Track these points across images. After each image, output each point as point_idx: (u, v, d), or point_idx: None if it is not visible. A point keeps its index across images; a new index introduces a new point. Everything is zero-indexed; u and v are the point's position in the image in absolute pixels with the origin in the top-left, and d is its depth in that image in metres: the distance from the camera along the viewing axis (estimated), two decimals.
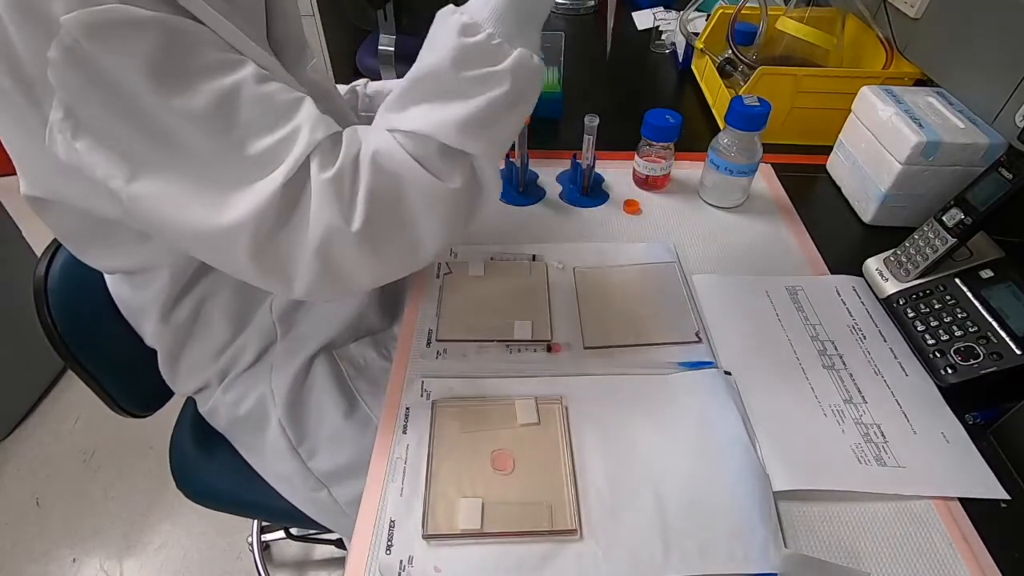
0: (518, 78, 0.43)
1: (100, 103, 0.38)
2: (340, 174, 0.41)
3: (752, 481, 0.46)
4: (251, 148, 0.39)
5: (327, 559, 1.19)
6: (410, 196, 0.43)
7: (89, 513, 1.24)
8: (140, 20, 0.36)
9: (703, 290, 0.62)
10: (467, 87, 0.42)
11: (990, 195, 0.55)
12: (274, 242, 0.41)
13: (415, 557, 0.42)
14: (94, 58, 0.36)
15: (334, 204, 0.40)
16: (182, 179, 0.39)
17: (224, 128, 0.39)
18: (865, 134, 0.71)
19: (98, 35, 0.35)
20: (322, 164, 0.41)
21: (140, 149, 0.39)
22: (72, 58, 0.36)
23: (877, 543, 0.43)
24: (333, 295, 0.51)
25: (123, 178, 0.39)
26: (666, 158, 0.72)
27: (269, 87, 0.41)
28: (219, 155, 0.39)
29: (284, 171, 0.39)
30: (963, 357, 0.52)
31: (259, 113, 0.40)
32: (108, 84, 0.37)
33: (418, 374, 0.54)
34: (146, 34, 0.36)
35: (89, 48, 0.35)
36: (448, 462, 0.47)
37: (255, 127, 0.40)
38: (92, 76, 0.36)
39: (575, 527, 0.43)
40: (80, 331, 0.67)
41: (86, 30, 0.35)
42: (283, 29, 0.53)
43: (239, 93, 0.39)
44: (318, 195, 0.40)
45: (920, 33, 0.78)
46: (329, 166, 0.41)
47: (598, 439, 0.49)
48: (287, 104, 0.41)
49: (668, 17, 1.19)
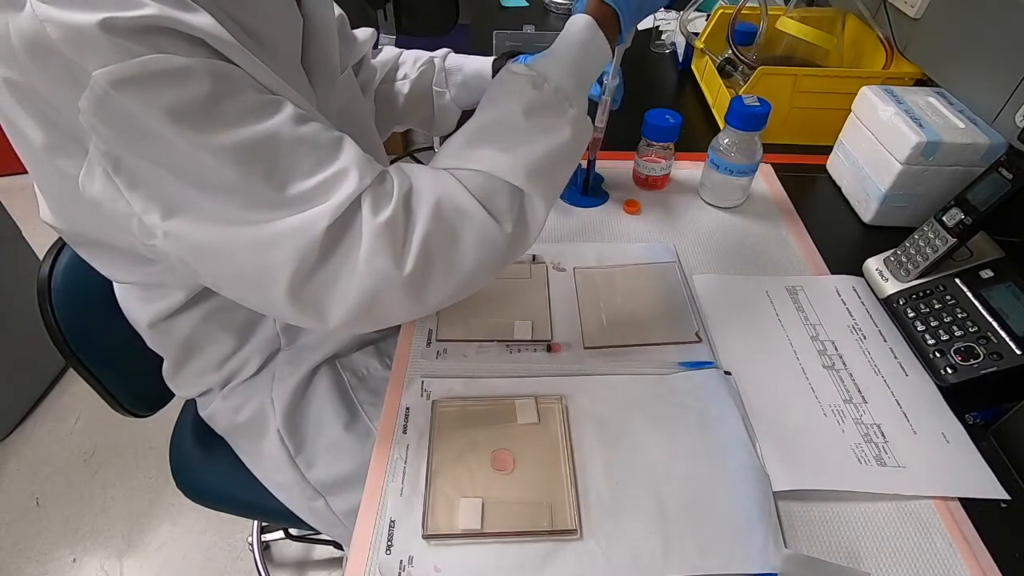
0: (578, 130, 0.47)
1: (135, 149, 0.37)
2: (394, 218, 0.40)
3: (752, 481, 0.46)
4: (292, 189, 0.39)
5: (327, 559, 1.19)
6: (465, 239, 0.43)
7: (89, 513, 1.24)
8: (174, 69, 0.35)
9: (703, 290, 0.62)
10: (535, 134, 0.45)
11: (990, 195, 0.55)
12: (313, 282, 0.40)
13: (415, 557, 0.42)
14: (126, 108, 0.35)
15: (387, 248, 0.40)
16: (221, 222, 0.39)
17: (265, 172, 0.38)
18: (865, 134, 0.71)
19: (130, 87, 0.34)
20: (375, 207, 0.40)
21: (177, 192, 0.38)
22: (104, 108, 0.35)
23: (877, 543, 0.43)
24: (364, 330, 0.51)
25: (160, 215, 0.39)
26: (666, 158, 0.72)
27: (309, 128, 0.40)
28: (260, 196, 0.39)
29: (329, 213, 0.38)
30: (963, 357, 0.52)
31: (300, 155, 0.39)
32: (142, 131, 0.36)
33: (418, 374, 0.54)
34: (181, 83, 0.36)
35: (120, 99, 0.35)
36: (448, 462, 0.47)
37: (296, 169, 0.39)
38: (125, 125, 0.36)
39: (575, 527, 0.43)
40: (83, 330, 0.67)
41: (117, 83, 0.34)
42: (318, 53, 0.53)
43: (279, 135, 0.39)
44: (371, 238, 0.39)
45: (920, 33, 0.78)
46: (383, 209, 0.40)
47: (598, 439, 0.49)
48: (329, 144, 0.41)
49: (668, 17, 1.19)
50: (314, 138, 0.40)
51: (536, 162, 0.44)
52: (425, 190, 0.42)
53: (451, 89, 0.76)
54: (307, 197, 0.39)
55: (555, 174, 0.47)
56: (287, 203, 0.39)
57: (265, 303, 0.42)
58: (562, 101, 0.46)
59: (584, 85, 0.49)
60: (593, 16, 0.48)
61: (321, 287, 0.40)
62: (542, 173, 0.45)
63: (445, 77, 0.76)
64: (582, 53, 0.48)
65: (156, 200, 0.39)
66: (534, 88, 0.46)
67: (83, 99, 0.34)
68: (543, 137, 0.45)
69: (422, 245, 0.41)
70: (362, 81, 0.69)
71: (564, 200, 0.74)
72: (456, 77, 0.76)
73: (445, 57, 0.77)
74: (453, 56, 0.77)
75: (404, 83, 0.76)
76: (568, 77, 0.47)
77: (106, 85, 0.34)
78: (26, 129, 0.39)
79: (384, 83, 0.76)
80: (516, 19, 1.27)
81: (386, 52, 0.77)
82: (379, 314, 0.43)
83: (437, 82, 0.76)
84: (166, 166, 0.37)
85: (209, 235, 0.39)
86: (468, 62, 0.76)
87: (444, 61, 0.76)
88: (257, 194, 0.38)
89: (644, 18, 0.52)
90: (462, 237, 0.43)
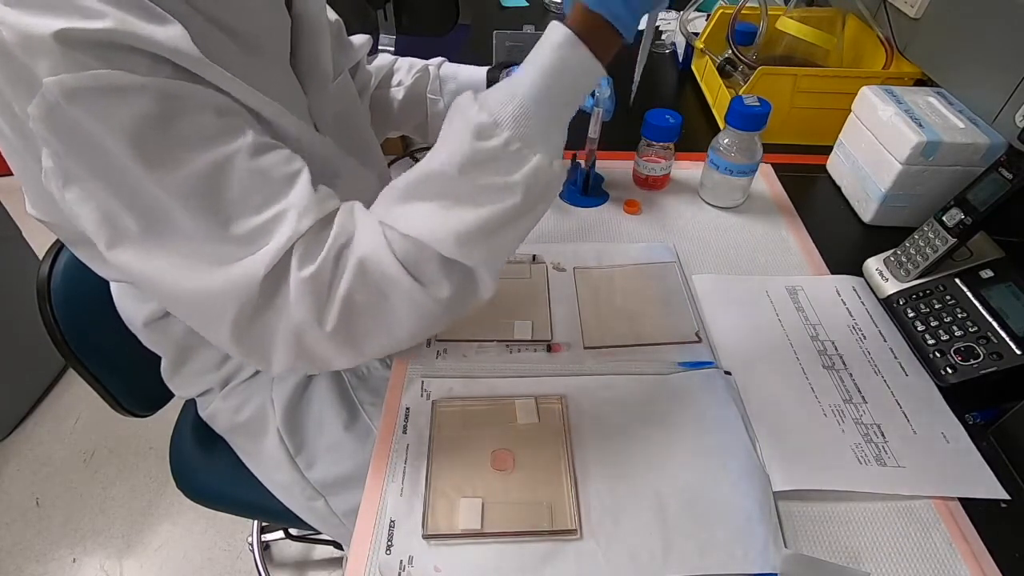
0: (532, 189, 0.39)
1: (83, 163, 0.36)
2: (319, 273, 0.39)
3: (752, 481, 0.46)
4: (237, 227, 0.38)
5: (327, 559, 1.19)
6: (394, 302, 0.41)
7: (89, 513, 1.24)
8: (127, 86, 0.34)
9: (703, 290, 0.62)
10: (475, 195, 0.39)
11: (990, 195, 0.55)
12: (256, 323, 0.40)
13: (415, 557, 0.42)
14: (76, 121, 0.34)
15: (310, 303, 0.39)
16: (164, 251, 0.38)
17: (210, 205, 0.37)
18: (865, 134, 0.71)
19: (80, 99, 0.34)
20: (302, 259, 0.39)
21: (122, 215, 0.38)
22: (53, 118, 0.34)
23: (877, 543, 0.43)
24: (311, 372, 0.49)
25: (104, 242, 0.38)
26: (666, 158, 0.72)
27: (264, 160, 0.39)
28: (203, 231, 0.38)
29: (265, 262, 0.38)
30: (963, 357, 0.52)
31: (248, 190, 0.38)
32: (91, 146, 0.35)
33: (418, 374, 0.54)
34: (134, 101, 0.35)
35: (70, 111, 0.34)
36: (448, 462, 0.47)
37: (243, 205, 0.38)
38: (74, 137, 0.35)
39: (575, 527, 0.43)
40: (83, 330, 0.67)
41: (68, 93, 0.33)
42: (309, 55, 0.52)
43: (230, 167, 0.38)
44: (295, 291, 0.39)
45: (920, 33, 0.78)
46: (309, 263, 0.39)
47: (598, 439, 0.49)
48: (280, 180, 0.40)
49: (668, 17, 1.19)
50: (267, 172, 0.39)
51: (470, 231, 0.39)
52: (358, 246, 0.40)
53: (445, 97, 0.76)
54: (249, 238, 0.38)
55: (500, 239, 0.41)
56: (230, 240, 0.38)
57: (213, 335, 0.42)
58: (515, 154, 0.39)
59: (555, 123, 0.40)
60: (575, 28, 0.38)
61: (261, 334, 0.40)
62: (479, 242, 0.40)
63: (439, 85, 0.76)
64: (556, 79, 0.39)
65: (103, 225, 0.38)
66: (477, 139, 0.38)
67: (33, 105, 0.34)
68: (484, 199, 0.39)
69: (344, 304, 0.39)
70: (358, 86, 0.70)
71: (564, 200, 0.74)
72: (450, 85, 0.76)
73: (440, 65, 0.77)
74: (448, 64, 0.77)
75: (399, 89, 0.77)
76: (530, 118, 0.38)
77: (57, 94, 0.33)
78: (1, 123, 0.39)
79: (379, 89, 0.76)
80: (516, 19, 1.27)
81: (381, 58, 0.78)
82: (319, 362, 0.43)
83: (431, 89, 0.76)
84: (112, 187, 0.37)
85: (152, 271, 0.39)
86: (462, 71, 0.76)
87: (439, 69, 0.76)
88: (201, 227, 0.38)
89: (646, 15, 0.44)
90: (390, 299, 0.40)
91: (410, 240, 0.40)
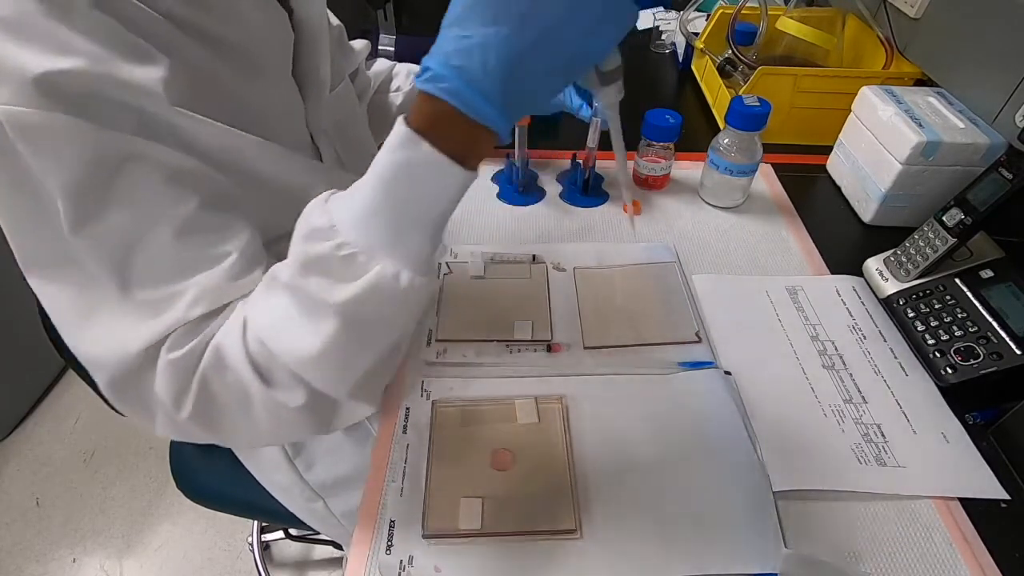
0: (363, 307, 0.34)
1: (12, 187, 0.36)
2: (183, 360, 0.38)
3: (752, 481, 0.46)
4: (136, 294, 0.38)
5: (327, 559, 1.19)
6: (251, 401, 0.39)
7: (89, 513, 1.24)
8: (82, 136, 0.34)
9: (703, 290, 0.62)
10: (314, 306, 0.35)
11: (990, 195, 0.55)
12: (130, 389, 0.40)
13: (415, 557, 0.42)
14: (17, 152, 0.34)
15: (169, 387, 0.38)
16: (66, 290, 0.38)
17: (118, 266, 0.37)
18: (865, 134, 0.71)
19: (29, 137, 0.33)
20: (174, 343, 0.38)
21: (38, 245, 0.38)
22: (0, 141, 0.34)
23: (877, 543, 0.43)
24: None
25: (20, 261, 0.38)
26: (666, 158, 0.72)
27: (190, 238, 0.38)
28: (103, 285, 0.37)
29: (145, 337, 0.37)
30: (963, 357, 0.52)
31: (159, 262, 0.38)
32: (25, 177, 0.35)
33: (418, 374, 0.54)
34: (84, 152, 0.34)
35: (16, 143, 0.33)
36: (448, 462, 0.47)
37: (147, 275, 0.38)
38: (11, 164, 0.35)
39: (575, 527, 0.43)
40: None
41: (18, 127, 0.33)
42: (310, 65, 0.52)
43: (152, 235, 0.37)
44: (160, 372, 0.38)
45: (920, 33, 0.78)
46: (178, 348, 0.38)
47: (598, 439, 0.49)
48: (195, 261, 0.38)
49: (668, 17, 1.19)
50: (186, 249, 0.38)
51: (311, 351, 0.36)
52: (221, 338, 0.38)
53: None
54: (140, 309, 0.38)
55: (346, 362, 0.37)
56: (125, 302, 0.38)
57: None
58: (348, 260, 0.33)
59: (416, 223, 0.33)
60: (415, 123, 0.31)
61: (137, 399, 0.40)
62: (320, 365, 0.36)
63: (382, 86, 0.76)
64: (395, 184, 0.32)
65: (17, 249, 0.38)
66: (309, 240, 0.34)
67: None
68: (306, 321, 0.35)
69: (199, 394, 0.38)
70: (357, 91, 0.70)
71: (564, 200, 0.74)
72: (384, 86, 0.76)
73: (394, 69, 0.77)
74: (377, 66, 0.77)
75: (397, 95, 0.77)
76: (377, 216, 0.33)
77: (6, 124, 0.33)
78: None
79: (378, 94, 0.76)
80: None
81: (380, 64, 0.78)
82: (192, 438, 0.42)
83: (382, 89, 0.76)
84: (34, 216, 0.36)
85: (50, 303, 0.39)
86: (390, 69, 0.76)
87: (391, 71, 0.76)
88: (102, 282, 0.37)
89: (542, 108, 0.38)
90: (247, 397, 0.38)
91: (259, 344, 0.37)
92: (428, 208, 0.33)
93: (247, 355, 0.37)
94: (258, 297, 0.39)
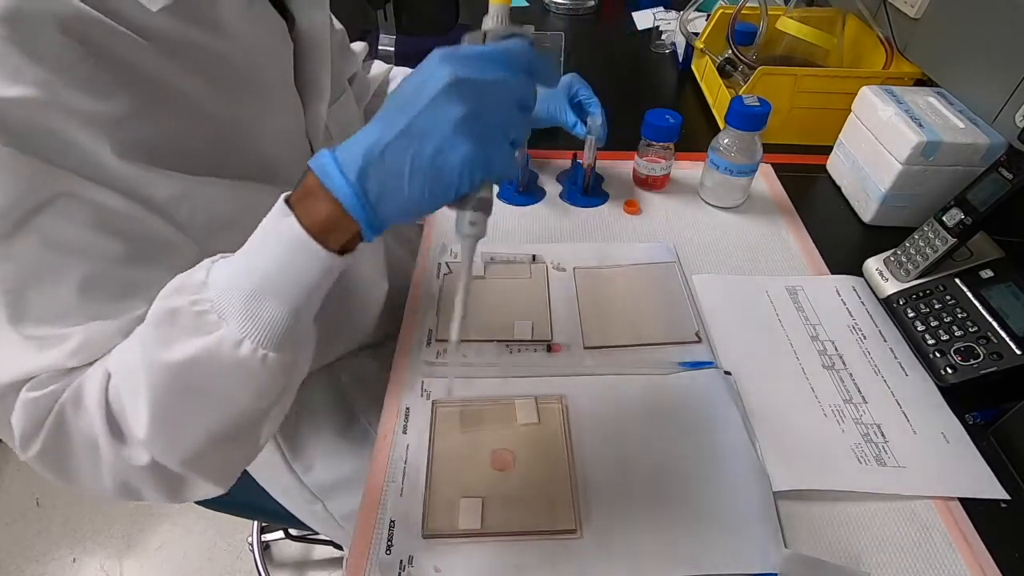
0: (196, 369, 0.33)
1: None
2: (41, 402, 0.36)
3: (752, 481, 0.46)
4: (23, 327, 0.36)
5: (327, 559, 1.19)
6: (102, 454, 0.37)
7: (89, 513, 1.24)
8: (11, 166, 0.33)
9: (703, 290, 0.62)
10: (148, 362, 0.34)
11: (990, 195, 0.55)
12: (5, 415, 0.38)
13: (415, 557, 0.42)
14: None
15: (20, 425, 0.37)
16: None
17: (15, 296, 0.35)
18: (865, 134, 0.71)
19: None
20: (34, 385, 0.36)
21: None
22: None
23: (877, 543, 0.43)
24: None
25: None
26: (666, 158, 0.72)
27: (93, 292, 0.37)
28: None
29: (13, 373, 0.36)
30: (963, 357, 0.52)
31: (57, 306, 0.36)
32: None
33: (418, 374, 0.54)
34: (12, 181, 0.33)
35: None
36: (448, 462, 0.47)
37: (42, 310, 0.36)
38: None
39: (575, 527, 0.43)
40: None
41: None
42: (312, 73, 0.52)
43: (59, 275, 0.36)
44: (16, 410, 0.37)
45: (920, 33, 0.78)
46: (38, 389, 0.36)
47: (598, 439, 0.49)
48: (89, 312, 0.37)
49: (668, 17, 1.19)
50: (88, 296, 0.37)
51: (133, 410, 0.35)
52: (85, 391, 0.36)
53: None
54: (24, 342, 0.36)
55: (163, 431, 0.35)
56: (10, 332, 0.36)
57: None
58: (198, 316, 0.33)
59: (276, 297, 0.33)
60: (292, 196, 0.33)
61: None
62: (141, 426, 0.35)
63: None
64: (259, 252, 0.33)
65: None
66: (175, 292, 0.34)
67: None
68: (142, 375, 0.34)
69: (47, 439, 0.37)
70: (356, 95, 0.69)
71: (564, 200, 0.74)
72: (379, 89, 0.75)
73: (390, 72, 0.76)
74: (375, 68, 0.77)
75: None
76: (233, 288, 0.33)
77: None
78: None
79: (375, 97, 0.76)
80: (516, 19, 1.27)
81: (376, 67, 0.77)
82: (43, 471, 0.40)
83: None
84: None
85: None
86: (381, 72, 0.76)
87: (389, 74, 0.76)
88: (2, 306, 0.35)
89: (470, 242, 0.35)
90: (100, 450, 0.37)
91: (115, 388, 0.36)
92: (288, 282, 0.33)
93: (103, 401, 0.36)
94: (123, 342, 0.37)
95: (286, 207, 0.32)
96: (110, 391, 0.36)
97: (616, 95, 1.01)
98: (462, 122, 0.30)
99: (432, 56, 0.31)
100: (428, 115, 0.30)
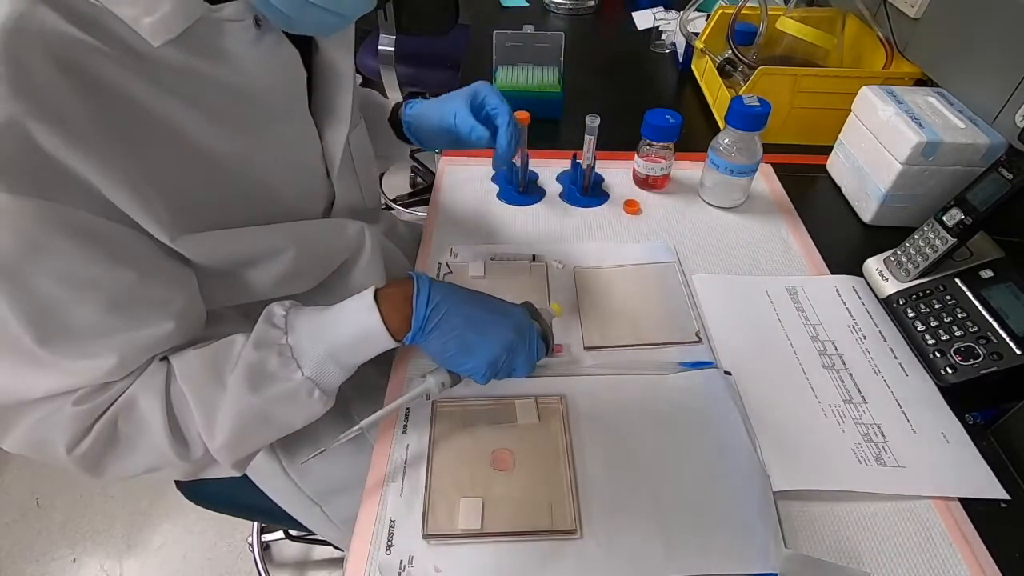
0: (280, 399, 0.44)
1: None
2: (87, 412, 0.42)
3: (752, 481, 0.46)
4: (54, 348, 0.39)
5: (327, 559, 1.19)
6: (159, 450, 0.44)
7: (89, 513, 1.24)
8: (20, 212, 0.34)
9: (703, 290, 0.62)
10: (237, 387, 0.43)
11: (990, 195, 0.55)
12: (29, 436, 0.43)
13: (415, 557, 0.42)
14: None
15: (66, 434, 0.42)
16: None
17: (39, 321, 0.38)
18: (865, 134, 0.71)
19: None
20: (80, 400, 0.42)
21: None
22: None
23: (877, 543, 0.43)
24: None
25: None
26: (666, 158, 0.72)
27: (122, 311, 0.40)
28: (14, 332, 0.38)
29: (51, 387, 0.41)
30: (963, 357, 0.52)
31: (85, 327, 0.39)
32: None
33: (418, 374, 0.54)
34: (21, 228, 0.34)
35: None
36: (448, 462, 0.47)
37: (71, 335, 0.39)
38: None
39: (575, 527, 0.43)
40: None
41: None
42: (329, 102, 0.53)
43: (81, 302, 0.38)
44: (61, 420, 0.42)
45: (920, 33, 0.78)
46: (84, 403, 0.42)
47: (598, 439, 0.49)
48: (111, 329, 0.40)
49: (668, 17, 1.19)
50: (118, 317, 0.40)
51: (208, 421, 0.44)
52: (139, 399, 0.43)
53: None
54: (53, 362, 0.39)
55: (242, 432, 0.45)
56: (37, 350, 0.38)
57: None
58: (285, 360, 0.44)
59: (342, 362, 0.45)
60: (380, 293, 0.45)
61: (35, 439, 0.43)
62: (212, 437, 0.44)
63: None
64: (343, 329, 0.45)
65: None
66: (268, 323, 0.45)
67: None
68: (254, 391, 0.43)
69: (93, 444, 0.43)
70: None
71: (564, 200, 0.74)
72: None
73: None
74: None
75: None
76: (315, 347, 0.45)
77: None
78: None
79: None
80: (516, 19, 1.27)
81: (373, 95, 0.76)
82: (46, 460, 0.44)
83: None
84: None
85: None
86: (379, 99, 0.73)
87: None
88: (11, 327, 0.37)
89: None
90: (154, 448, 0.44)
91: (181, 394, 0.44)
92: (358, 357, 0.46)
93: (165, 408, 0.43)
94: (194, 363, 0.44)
95: (374, 303, 0.44)
96: (173, 403, 0.43)
97: (616, 95, 1.02)
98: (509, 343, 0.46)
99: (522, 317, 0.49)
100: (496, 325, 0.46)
